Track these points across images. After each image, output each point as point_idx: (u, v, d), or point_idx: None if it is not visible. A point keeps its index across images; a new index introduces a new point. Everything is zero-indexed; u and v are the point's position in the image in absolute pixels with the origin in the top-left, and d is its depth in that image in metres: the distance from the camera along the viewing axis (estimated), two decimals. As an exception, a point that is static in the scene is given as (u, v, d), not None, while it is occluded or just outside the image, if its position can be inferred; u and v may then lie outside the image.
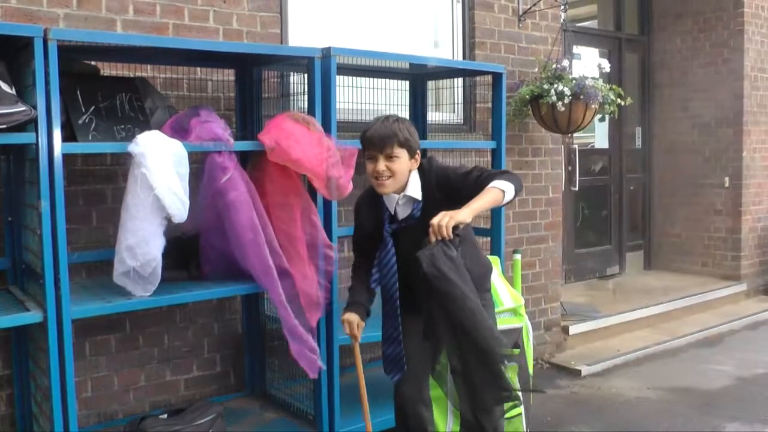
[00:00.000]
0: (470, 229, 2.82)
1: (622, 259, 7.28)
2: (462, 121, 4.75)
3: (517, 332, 3.67)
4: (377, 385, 3.96)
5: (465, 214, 2.40)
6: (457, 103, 4.66)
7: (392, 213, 2.73)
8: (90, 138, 2.81)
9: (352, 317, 2.79)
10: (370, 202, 2.79)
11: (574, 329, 5.34)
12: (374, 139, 2.60)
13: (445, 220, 2.37)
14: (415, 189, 2.68)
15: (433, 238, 2.38)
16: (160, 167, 2.60)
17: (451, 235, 2.38)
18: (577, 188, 6.21)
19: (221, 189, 2.88)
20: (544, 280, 5.19)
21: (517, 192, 2.56)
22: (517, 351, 3.62)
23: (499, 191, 2.49)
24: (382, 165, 2.60)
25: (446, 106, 4.60)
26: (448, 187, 2.64)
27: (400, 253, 2.72)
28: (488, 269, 2.94)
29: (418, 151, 2.69)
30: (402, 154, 2.62)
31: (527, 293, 4.97)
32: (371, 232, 2.79)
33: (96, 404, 3.38)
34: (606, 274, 7.11)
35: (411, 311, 2.74)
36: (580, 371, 4.81)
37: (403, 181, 2.66)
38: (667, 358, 5.18)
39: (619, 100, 4.71)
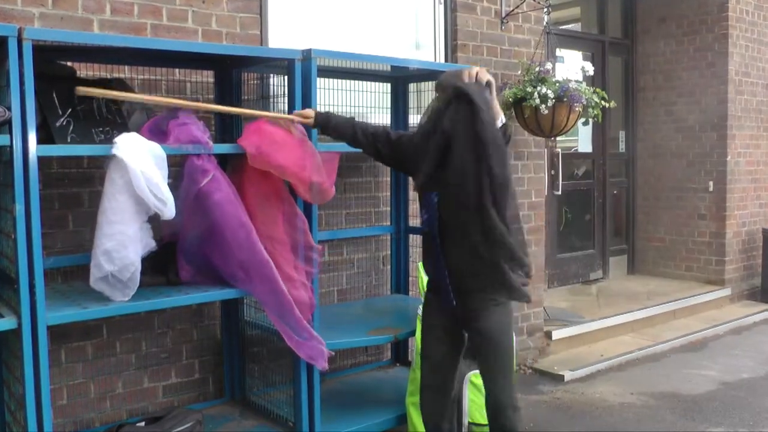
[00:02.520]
0: None
1: (605, 264, 7.35)
2: (444, 124, 4.76)
3: (500, 337, 3.70)
4: (362, 392, 4.01)
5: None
6: (440, 106, 4.67)
7: None
8: (69, 140, 2.81)
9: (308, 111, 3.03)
10: None
11: (557, 334, 5.38)
12: (442, 83, 2.76)
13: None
14: None
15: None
16: (142, 167, 2.61)
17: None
18: (560, 192, 6.23)
19: (204, 191, 2.89)
20: (527, 284, 5.21)
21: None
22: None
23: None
24: None
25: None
26: None
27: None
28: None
29: None
30: None
31: (510, 298, 4.99)
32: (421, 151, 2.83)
33: (72, 412, 3.37)
34: (589, 278, 7.17)
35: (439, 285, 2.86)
36: (563, 377, 4.85)
37: None
38: (651, 363, 5.24)
39: (603, 104, 4.75)
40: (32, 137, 2.49)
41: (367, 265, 4.43)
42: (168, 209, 2.66)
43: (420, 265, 3.69)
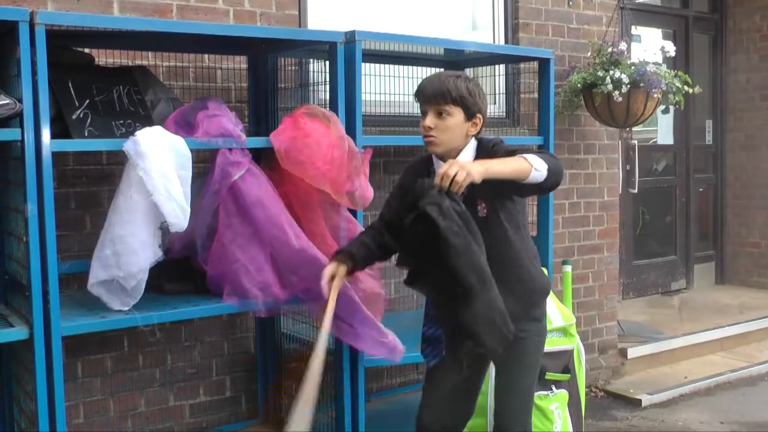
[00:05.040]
0: (526, 230, 2.76)
1: (689, 272, 7.19)
2: (504, 113, 4.74)
3: (568, 355, 3.64)
4: (412, 414, 3.94)
5: (478, 171, 2.33)
6: (499, 94, 4.63)
7: None
8: (86, 134, 2.83)
9: (330, 267, 2.72)
10: (420, 166, 2.80)
11: (633, 352, 5.30)
12: (424, 92, 2.65)
13: (462, 174, 2.29)
14: (465, 158, 2.66)
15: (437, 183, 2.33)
16: (160, 169, 2.61)
17: (462, 190, 2.33)
18: (636, 190, 6.14)
19: (239, 189, 2.88)
20: (598, 295, 5.15)
21: (552, 174, 2.46)
22: (567, 376, 3.58)
23: (525, 162, 2.42)
24: (430, 120, 2.63)
25: (486, 96, 4.56)
26: None
27: None
28: (546, 286, 2.84)
29: (479, 115, 2.67)
30: (455, 112, 2.63)
31: (579, 310, 4.94)
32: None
33: (89, 432, 3.41)
34: (671, 289, 7.02)
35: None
36: (640, 401, 4.77)
37: (456, 143, 2.66)
38: (745, 388, 5.10)
39: (686, 89, 4.66)
40: (46, 131, 2.51)
41: (417, 272, 4.38)
42: (181, 220, 2.65)
43: None
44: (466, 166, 2.31)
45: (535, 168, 2.42)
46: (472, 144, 2.71)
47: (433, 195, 2.32)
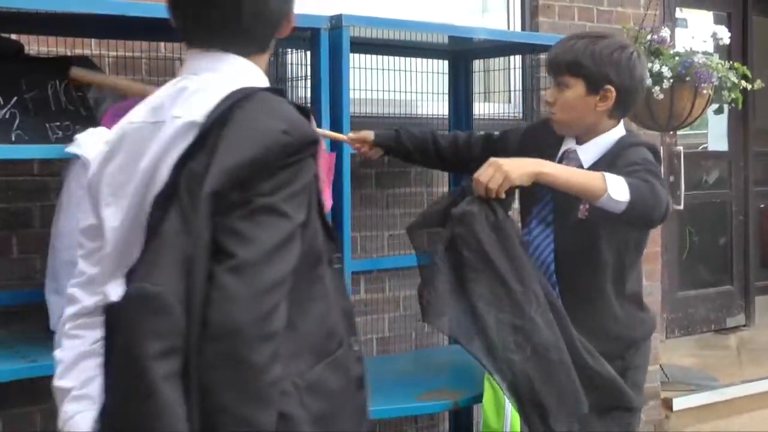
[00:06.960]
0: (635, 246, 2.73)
1: (748, 306, 7.19)
2: (521, 113, 4.75)
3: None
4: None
5: (523, 173, 2.32)
6: (514, 90, 4.67)
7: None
8: (13, 138, 2.82)
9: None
10: (546, 134, 2.78)
11: (679, 403, 5.31)
12: (548, 59, 2.77)
13: (498, 179, 2.29)
14: (593, 148, 2.65)
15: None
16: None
17: (502, 196, 2.35)
18: (682, 206, 6.09)
19: None
20: (637, 333, 5.13)
21: (636, 210, 2.33)
22: None
23: (601, 182, 2.31)
24: (550, 93, 2.69)
25: (499, 93, 4.59)
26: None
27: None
28: (637, 335, 2.79)
29: (609, 87, 2.58)
30: (574, 84, 2.60)
31: (614, 352, 4.92)
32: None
33: (17, 501, 3.38)
34: (726, 325, 7.03)
35: None
36: (689, 463, 4.77)
37: (583, 122, 2.63)
38: (819, 447, 5.11)
39: (743, 84, 4.66)
40: (-39, 135, 2.51)
41: (417, 306, 4.36)
42: None
43: None
44: (503, 167, 2.30)
45: (611, 194, 2.30)
46: (618, 131, 2.68)
47: (462, 205, 2.37)
